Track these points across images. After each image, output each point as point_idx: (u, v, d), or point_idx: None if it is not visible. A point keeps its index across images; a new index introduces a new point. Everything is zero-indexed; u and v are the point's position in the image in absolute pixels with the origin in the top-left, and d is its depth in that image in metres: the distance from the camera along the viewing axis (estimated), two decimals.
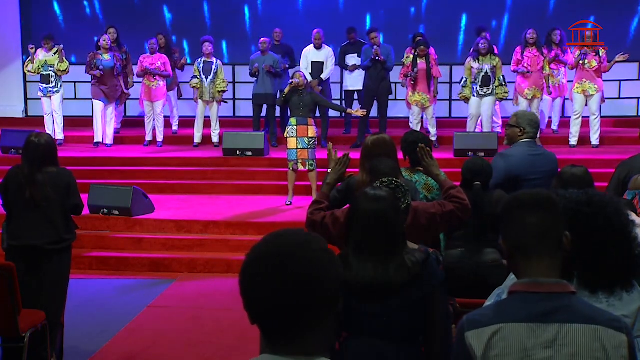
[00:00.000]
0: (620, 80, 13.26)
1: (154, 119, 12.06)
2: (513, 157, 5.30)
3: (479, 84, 11.09)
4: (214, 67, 11.68)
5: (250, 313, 1.65)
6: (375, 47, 11.23)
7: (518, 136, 5.35)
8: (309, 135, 9.26)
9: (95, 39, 11.91)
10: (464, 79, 11.27)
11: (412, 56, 11.32)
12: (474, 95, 11.21)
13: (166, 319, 6.77)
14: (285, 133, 9.41)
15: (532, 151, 5.30)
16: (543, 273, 2.17)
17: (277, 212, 9.23)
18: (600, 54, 11.09)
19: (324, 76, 11.83)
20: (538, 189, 2.40)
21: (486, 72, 11.04)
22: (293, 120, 9.28)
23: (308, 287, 1.61)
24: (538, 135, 11.18)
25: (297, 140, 9.25)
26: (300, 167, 9.31)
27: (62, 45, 11.74)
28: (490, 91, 11.10)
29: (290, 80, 9.38)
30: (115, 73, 11.77)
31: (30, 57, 11.87)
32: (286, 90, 9.31)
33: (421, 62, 11.23)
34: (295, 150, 9.26)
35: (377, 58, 11.19)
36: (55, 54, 11.72)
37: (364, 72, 11.62)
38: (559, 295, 2.15)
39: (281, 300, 1.60)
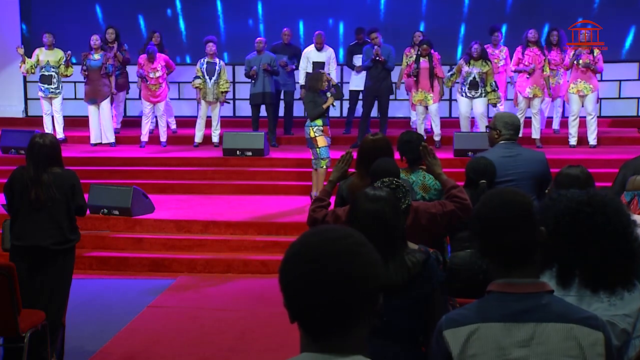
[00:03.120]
0: (620, 80, 13.26)
1: (153, 120, 12.01)
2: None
3: (467, 86, 11.08)
4: (217, 67, 11.59)
5: (291, 311, 1.61)
6: (375, 47, 11.23)
7: (495, 138, 5.34)
8: (329, 135, 9.23)
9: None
10: (451, 73, 11.21)
11: (415, 55, 11.30)
12: (462, 96, 11.18)
13: (166, 319, 6.76)
14: (312, 133, 9.08)
15: (506, 153, 5.22)
16: (519, 275, 2.20)
17: (277, 212, 9.22)
18: (595, 54, 11.07)
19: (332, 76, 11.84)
20: (510, 191, 2.34)
21: (474, 77, 10.99)
22: (319, 122, 9.05)
23: (351, 284, 1.57)
24: (539, 136, 11.33)
25: (325, 139, 9.10)
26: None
27: (69, 52, 11.70)
28: (478, 94, 11.05)
29: (329, 94, 9.10)
30: (103, 72, 11.61)
31: (22, 59, 11.81)
32: (331, 102, 9.11)
33: (423, 61, 11.21)
34: (327, 148, 9.07)
35: (377, 58, 11.18)
36: (60, 59, 11.67)
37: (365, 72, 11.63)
38: (535, 295, 2.18)
39: (322, 297, 1.56)
